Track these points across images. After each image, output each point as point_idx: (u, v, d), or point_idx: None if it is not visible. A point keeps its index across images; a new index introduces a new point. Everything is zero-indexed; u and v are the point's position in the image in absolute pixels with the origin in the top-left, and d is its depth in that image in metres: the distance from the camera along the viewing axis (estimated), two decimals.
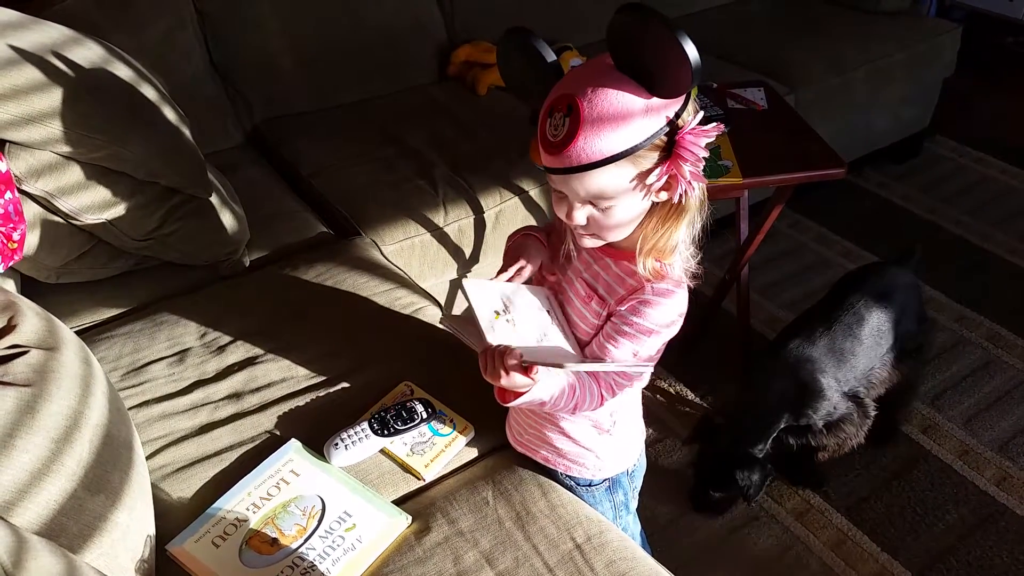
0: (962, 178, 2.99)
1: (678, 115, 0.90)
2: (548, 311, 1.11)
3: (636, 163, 0.91)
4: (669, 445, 1.98)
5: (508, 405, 1.05)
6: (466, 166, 2.05)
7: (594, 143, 0.88)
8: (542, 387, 1.00)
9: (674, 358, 2.20)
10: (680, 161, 0.89)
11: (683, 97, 0.89)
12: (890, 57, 2.65)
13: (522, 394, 1.00)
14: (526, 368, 0.97)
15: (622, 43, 0.88)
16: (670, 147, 0.90)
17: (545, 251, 1.15)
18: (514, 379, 0.97)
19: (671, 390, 2.13)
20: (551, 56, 0.96)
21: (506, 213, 2.00)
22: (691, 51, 0.82)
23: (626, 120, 0.88)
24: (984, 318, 2.34)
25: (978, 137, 3.18)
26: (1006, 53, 3.73)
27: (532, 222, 2.04)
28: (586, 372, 1.04)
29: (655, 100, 0.88)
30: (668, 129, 0.89)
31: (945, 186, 2.94)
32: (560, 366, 0.96)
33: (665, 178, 0.91)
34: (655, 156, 0.91)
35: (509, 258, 1.13)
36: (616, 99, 0.88)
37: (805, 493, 1.86)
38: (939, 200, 2.86)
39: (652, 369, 1.10)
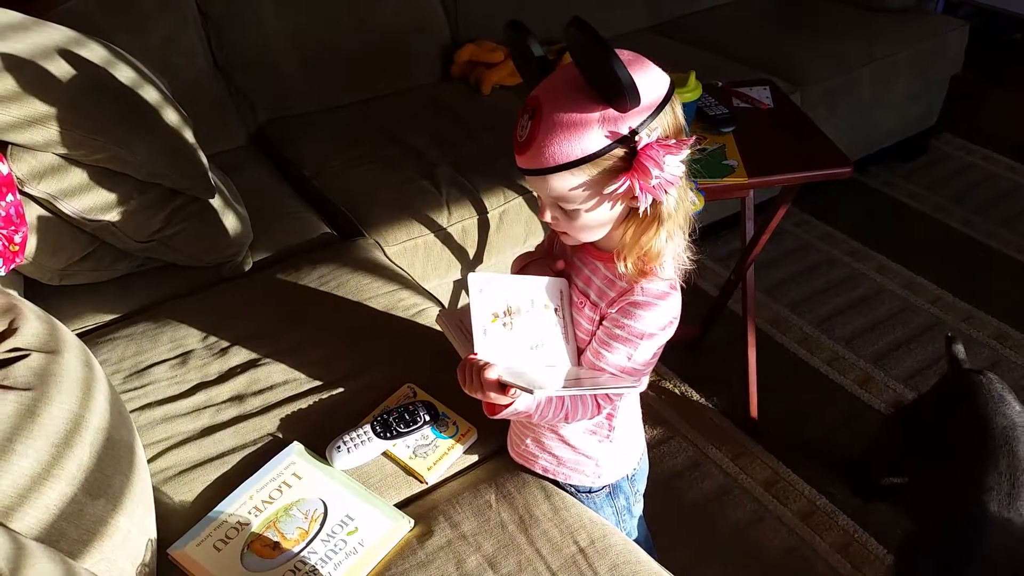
0: (969, 176, 2.98)
1: (641, 126, 0.88)
2: (556, 308, 1.07)
3: (594, 171, 0.90)
4: (674, 446, 1.97)
5: (495, 418, 1.05)
6: (470, 166, 2.04)
7: (548, 149, 0.89)
8: (524, 401, 1.00)
9: (679, 358, 2.20)
10: (640, 174, 0.88)
11: (649, 109, 0.88)
12: (897, 55, 2.64)
13: (508, 407, 1.01)
14: (504, 386, 0.97)
15: (573, 55, 0.89)
16: (631, 158, 0.89)
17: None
18: (490, 396, 0.98)
19: (676, 391, 2.12)
20: (539, 52, 0.97)
21: (510, 213, 1.99)
22: (622, 72, 0.83)
23: (580, 130, 0.88)
24: (992, 317, 2.33)
25: (986, 135, 3.16)
26: (1014, 50, 3.71)
27: (536, 223, 2.03)
28: (572, 385, 1.03)
29: (611, 112, 0.88)
30: (626, 141, 0.88)
31: (952, 184, 2.92)
32: (530, 391, 0.95)
33: (624, 188, 0.89)
34: (616, 166, 0.90)
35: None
36: (573, 108, 0.88)
37: (811, 493, 1.85)
38: (946, 198, 2.85)
39: (648, 376, 1.09)
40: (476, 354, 1.00)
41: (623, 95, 0.85)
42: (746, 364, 2.03)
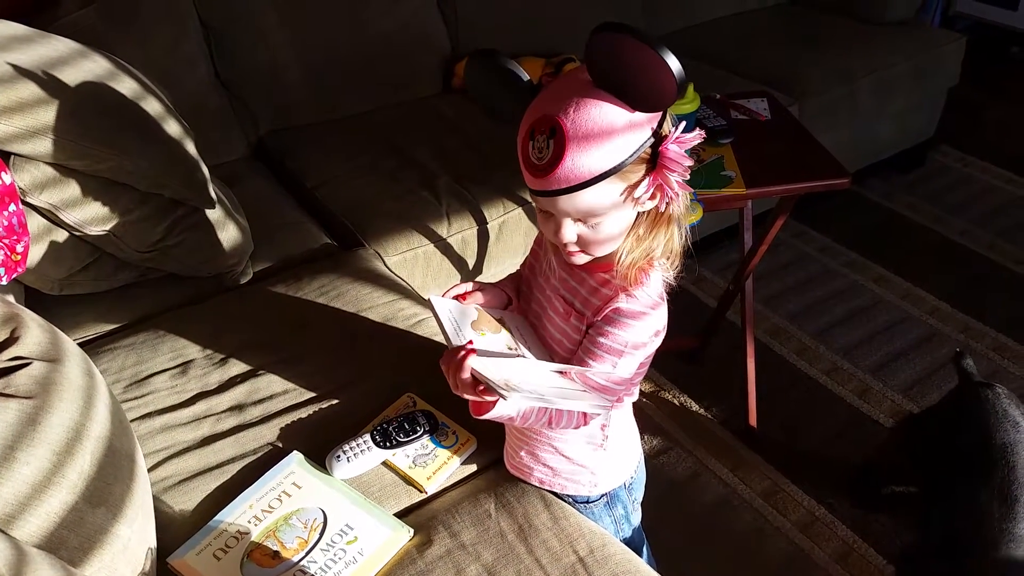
0: (967, 188, 2.99)
1: (660, 125, 0.91)
2: (513, 346, 1.08)
3: (624, 178, 0.91)
4: (673, 457, 1.97)
5: (479, 418, 1.04)
6: (470, 177, 2.05)
7: (581, 163, 0.88)
8: (507, 404, 0.98)
9: (678, 368, 2.21)
10: (666, 171, 0.90)
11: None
12: (894, 67, 2.65)
13: (492, 407, 1.00)
14: (480, 388, 0.95)
15: (601, 62, 0.87)
16: (654, 158, 0.90)
17: (501, 298, 1.17)
18: (467, 395, 0.98)
19: (675, 401, 2.12)
20: (524, 76, 0.96)
21: (509, 224, 2.00)
22: (674, 64, 0.82)
23: (611, 137, 0.87)
24: (990, 329, 2.33)
25: (983, 147, 3.18)
26: (1011, 63, 3.74)
27: (535, 233, 2.03)
28: (551, 395, 1.00)
29: (637, 114, 0.88)
30: (652, 141, 0.90)
31: (950, 196, 2.94)
32: (502, 396, 0.92)
33: (653, 189, 0.91)
34: (641, 168, 0.91)
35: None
36: (599, 117, 0.87)
37: (810, 504, 1.85)
38: (944, 210, 2.86)
39: (638, 385, 1.09)
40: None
41: (669, 94, 0.84)
42: (745, 374, 2.03)
